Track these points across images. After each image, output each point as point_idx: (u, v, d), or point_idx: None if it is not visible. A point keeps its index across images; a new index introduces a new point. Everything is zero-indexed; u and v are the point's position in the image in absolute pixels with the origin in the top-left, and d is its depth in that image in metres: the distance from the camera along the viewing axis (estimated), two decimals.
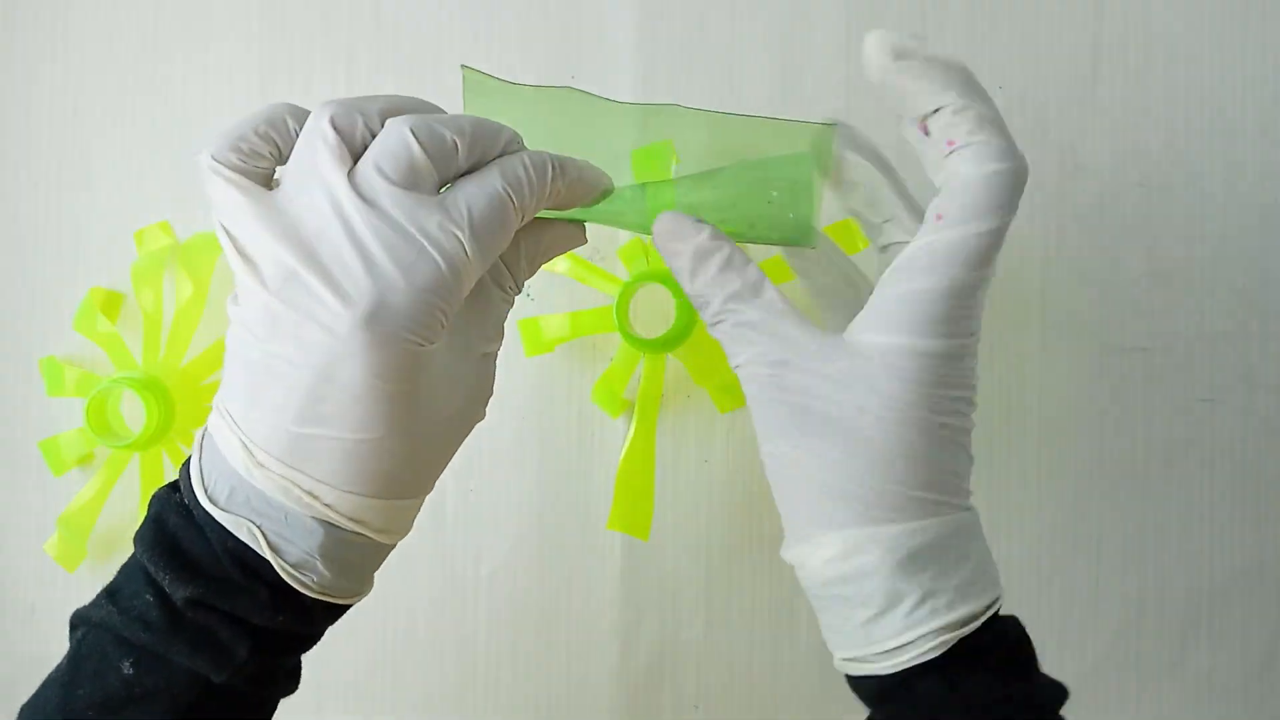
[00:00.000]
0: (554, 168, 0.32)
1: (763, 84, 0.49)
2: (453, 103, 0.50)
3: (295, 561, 0.30)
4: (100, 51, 0.52)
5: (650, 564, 0.49)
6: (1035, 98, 0.49)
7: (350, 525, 0.31)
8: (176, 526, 0.31)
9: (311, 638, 0.33)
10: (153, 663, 0.30)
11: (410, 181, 0.29)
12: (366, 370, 0.29)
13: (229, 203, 0.29)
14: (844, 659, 0.31)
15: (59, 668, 0.32)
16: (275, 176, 0.31)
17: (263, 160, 0.30)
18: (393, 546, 0.33)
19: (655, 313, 0.48)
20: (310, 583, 0.31)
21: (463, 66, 0.36)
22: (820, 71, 0.49)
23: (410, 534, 0.34)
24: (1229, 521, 0.48)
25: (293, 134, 0.30)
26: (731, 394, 0.48)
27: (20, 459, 0.52)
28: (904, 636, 0.29)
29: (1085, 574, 0.49)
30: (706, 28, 0.49)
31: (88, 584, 0.52)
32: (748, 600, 0.49)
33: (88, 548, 0.50)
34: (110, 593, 0.31)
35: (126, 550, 0.51)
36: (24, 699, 0.33)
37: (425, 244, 0.29)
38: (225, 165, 0.30)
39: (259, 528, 0.30)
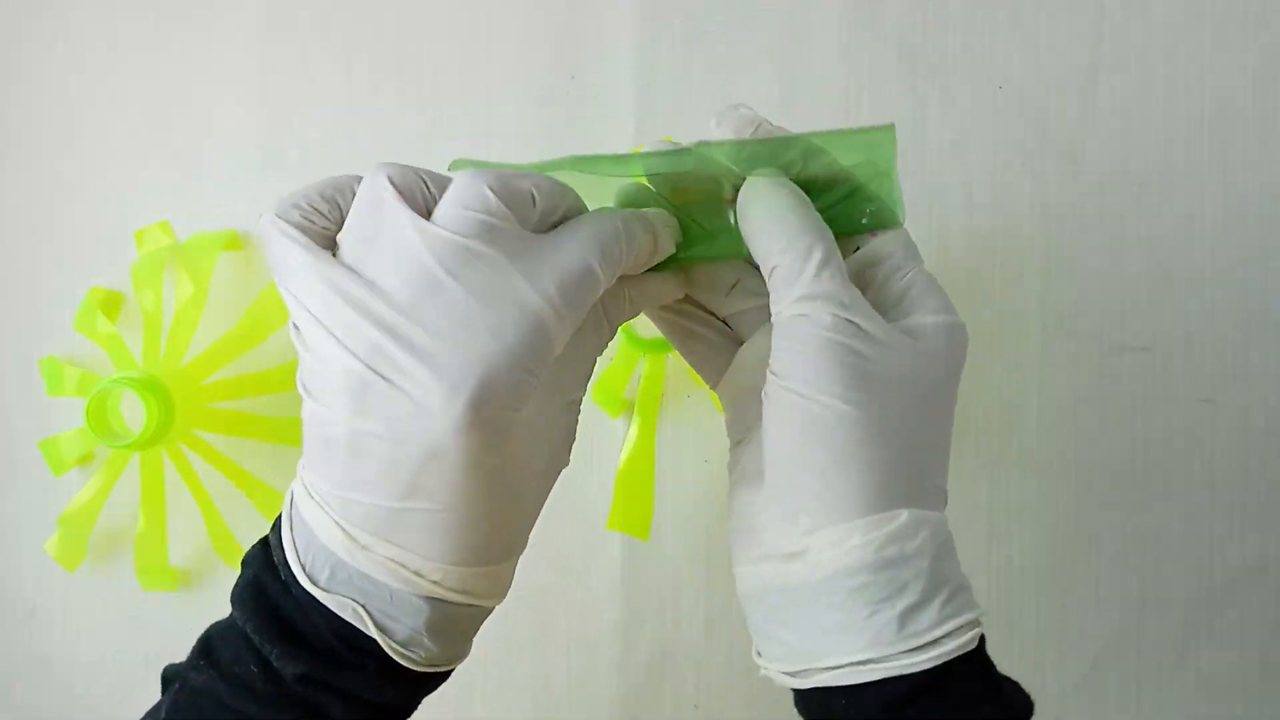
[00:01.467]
0: (641, 222, 0.31)
1: (762, 84, 0.49)
2: (449, 101, 0.50)
3: (403, 639, 0.30)
4: (101, 51, 0.52)
5: (650, 564, 0.49)
6: (1035, 98, 0.49)
7: (457, 598, 0.30)
8: (278, 597, 0.30)
9: (412, 707, 0.33)
10: None
11: (490, 237, 0.27)
12: (468, 448, 0.27)
13: (294, 264, 0.28)
14: (850, 664, 0.28)
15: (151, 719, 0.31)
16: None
17: (325, 220, 0.29)
18: (490, 609, 0.33)
19: None
20: (418, 658, 0.30)
21: (453, 162, 0.33)
22: (820, 72, 0.49)
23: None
24: (1229, 521, 0.48)
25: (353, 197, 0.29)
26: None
27: (20, 459, 0.52)
28: (943, 627, 0.27)
29: (1085, 574, 0.49)
30: (706, 28, 0.49)
31: (87, 584, 0.52)
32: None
33: (88, 547, 0.50)
34: (206, 653, 0.30)
35: (127, 551, 0.51)
36: (24, 699, 0.33)
37: (516, 307, 0.27)
38: (287, 222, 0.28)
39: (364, 607, 0.29)
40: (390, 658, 0.30)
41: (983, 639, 0.29)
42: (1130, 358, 0.48)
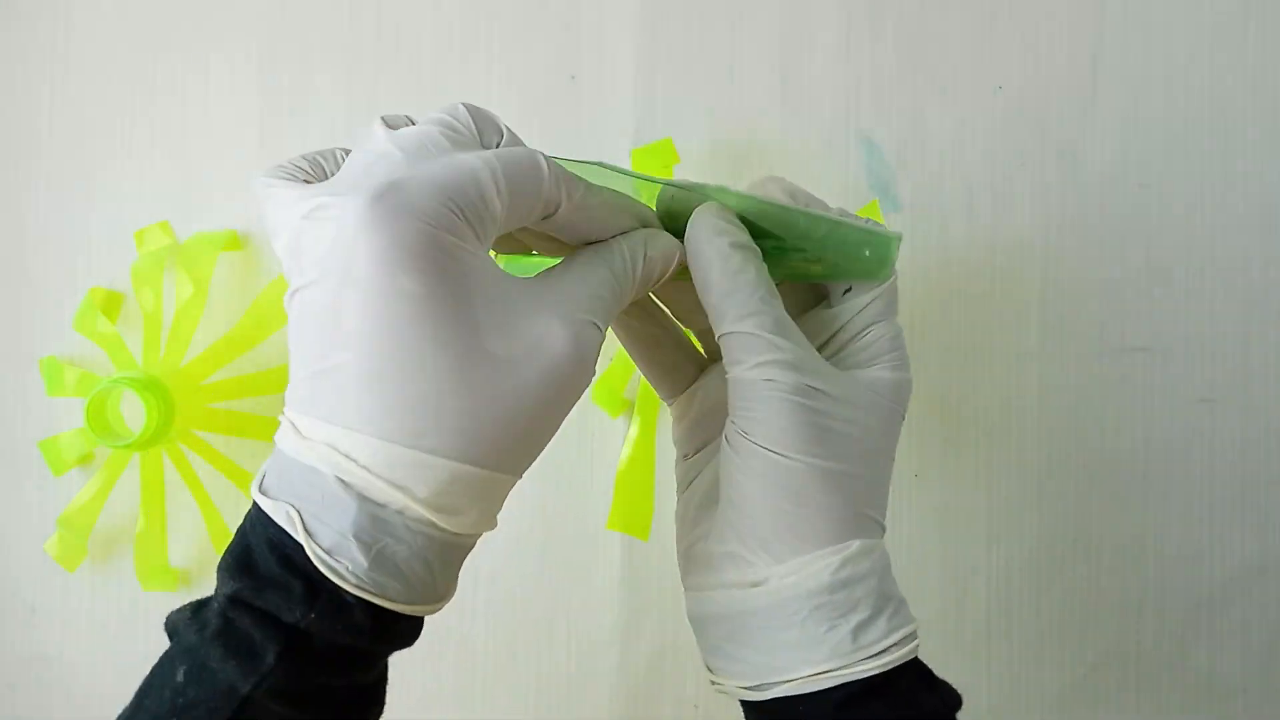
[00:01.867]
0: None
1: (762, 84, 0.49)
2: (447, 102, 0.50)
3: (329, 545, 0.26)
4: (101, 51, 0.52)
5: (650, 564, 0.49)
6: (1035, 98, 0.49)
7: (383, 490, 0.26)
8: (244, 526, 0.28)
9: (359, 654, 0.28)
10: (197, 671, 0.27)
11: (453, 137, 0.28)
12: (376, 256, 0.25)
13: (276, 201, 0.28)
14: (810, 674, 0.30)
15: None
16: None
17: (307, 175, 0.30)
18: (457, 540, 0.28)
19: None
20: (343, 570, 0.26)
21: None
22: (820, 72, 0.49)
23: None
24: (1229, 521, 0.48)
25: (342, 159, 0.30)
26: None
27: (20, 459, 0.52)
28: (891, 637, 0.30)
29: (1085, 574, 0.49)
30: (706, 28, 0.49)
31: (87, 584, 0.52)
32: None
33: (88, 547, 0.50)
34: (197, 604, 0.29)
35: (127, 550, 0.51)
36: (24, 699, 0.33)
37: (453, 161, 0.27)
38: (271, 176, 0.29)
39: (297, 511, 0.26)
40: (321, 576, 0.26)
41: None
42: (1130, 358, 0.48)
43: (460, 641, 0.50)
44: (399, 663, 0.50)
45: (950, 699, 0.32)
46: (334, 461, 0.26)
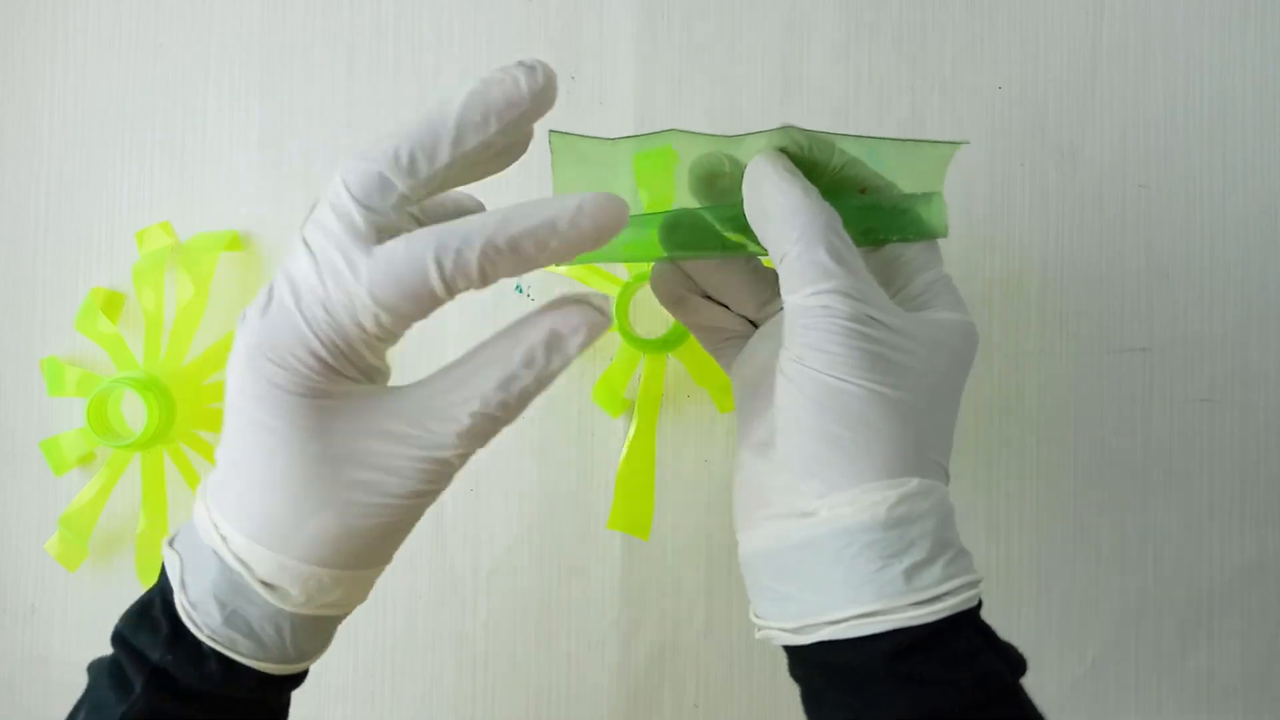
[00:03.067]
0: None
1: (762, 84, 0.49)
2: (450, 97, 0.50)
3: (195, 598, 0.30)
4: (101, 51, 0.52)
5: (650, 564, 0.49)
6: (1035, 98, 0.49)
7: (235, 564, 0.29)
8: (163, 568, 0.32)
9: (220, 699, 0.31)
10: (94, 694, 0.32)
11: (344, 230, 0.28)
12: (244, 390, 0.28)
13: None
14: (858, 616, 0.29)
15: None
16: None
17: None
18: (314, 614, 0.31)
19: (655, 313, 0.48)
20: (200, 622, 0.30)
21: (550, 132, 0.32)
22: (820, 72, 0.49)
23: (409, 533, 0.32)
24: (1229, 521, 0.48)
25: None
26: (731, 394, 0.48)
27: (20, 459, 0.52)
28: (947, 584, 0.29)
29: (1085, 574, 0.49)
30: (706, 27, 0.49)
31: (88, 584, 0.52)
32: (748, 600, 0.49)
33: (88, 547, 0.50)
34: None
35: (127, 550, 0.51)
36: (24, 699, 0.33)
37: (332, 285, 0.27)
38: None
39: (180, 563, 0.31)
40: (183, 622, 0.30)
41: (980, 603, 0.31)
42: (1130, 358, 0.49)
43: (460, 641, 0.50)
44: (399, 664, 0.50)
45: (1015, 663, 0.30)
46: (211, 535, 0.30)
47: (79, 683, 0.33)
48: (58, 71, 0.52)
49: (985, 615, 0.31)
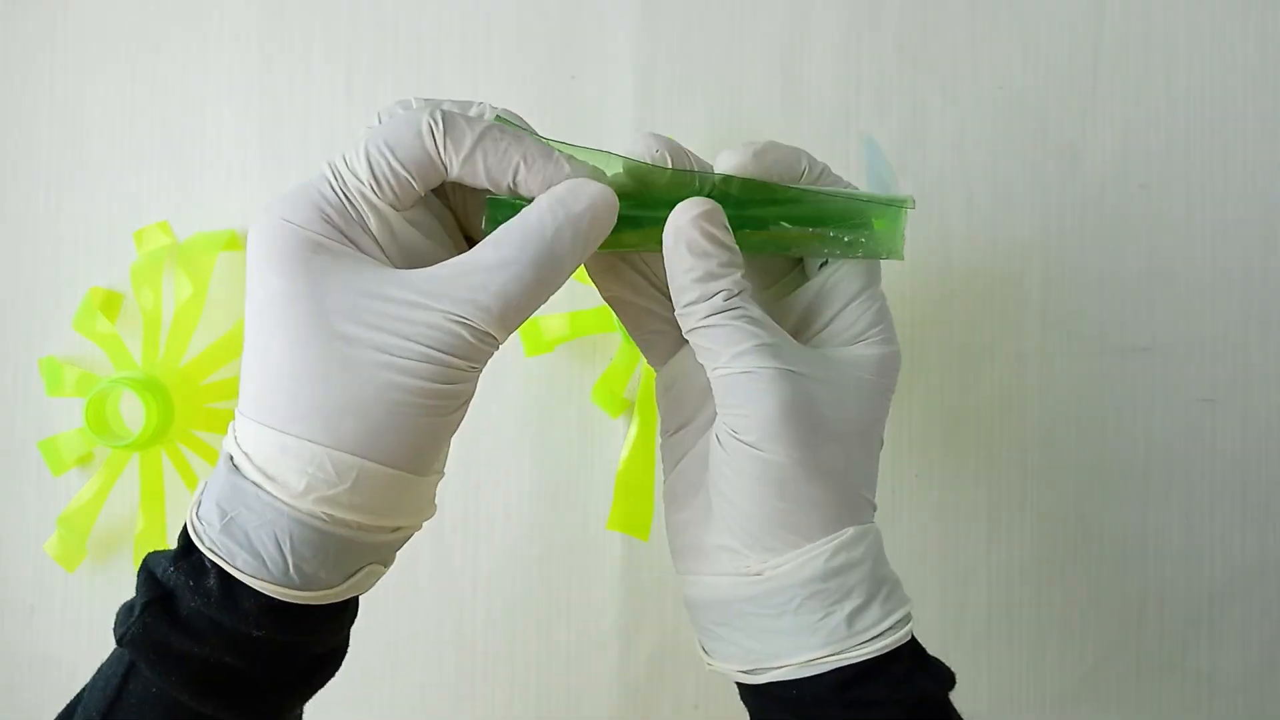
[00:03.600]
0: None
1: (762, 84, 0.49)
2: (449, 101, 0.50)
3: (204, 511, 0.29)
4: (100, 50, 0.52)
5: (650, 564, 0.49)
6: (1035, 98, 0.49)
7: (237, 454, 0.28)
8: None
9: (219, 627, 0.28)
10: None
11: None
12: (250, 260, 0.29)
13: None
14: (806, 659, 0.30)
15: None
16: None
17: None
18: (319, 526, 0.28)
19: None
20: (202, 532, 0.28)
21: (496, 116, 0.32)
22: (820, 72, 0.49)
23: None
24: (1229, 521, 0.48)
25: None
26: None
27: (20, 459, 0.52)
28: (886, 621, 0.30)
29: (1085, 574, 0.49)
30: (706, 28, 0.49)
31: (87, 584, 0.52)
32: None
33: (87, 548, 0.50)
34: None
35: (126, 551, 0.51)
36: (24, 699, 0.33)
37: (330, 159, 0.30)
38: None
39: (204, 484, 0.30)
40: (190, 536, 0.29)
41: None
42: (1130, 358, 0.48)
43: (460, 641, 0.50)
44: (399, 664, 0.50)
45: (941, 678, 0.32)
46: (229, 438, 0.29)
47: (78, 683, 0.32)
48: (57, 71, 0.52)
49: (987, 615, 0.33)
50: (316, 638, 0.30)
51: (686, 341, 0.33)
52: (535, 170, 0.30)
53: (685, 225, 0.30)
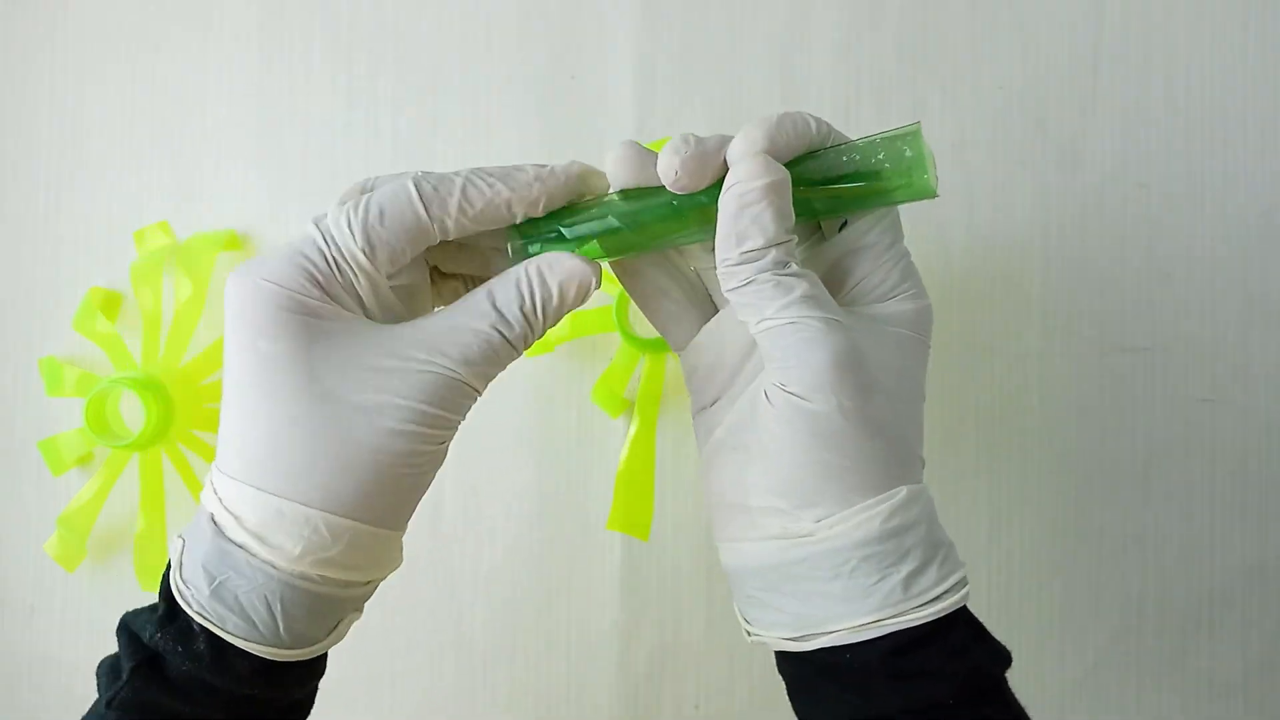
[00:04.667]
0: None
1: (762, 84, 0.49)
2: (449, 101, 0.50)
3: (188, 574, 0.29)
4: (100, 50, 0.52)
5: (650, 564, 0.49)
6: (1035, 98, 0.49)
7: (225, 517, 0.28)
8: None
9: (209, 688, 0.29)
10: (99, 684, 0.32)
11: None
12: (230, 322, 0.29)
13: None
14: (860, 624, 0.29)
15: None
16: None
17: None
18: (308, 587, 0.29)
19: None
20: (189, 597, 0.28)
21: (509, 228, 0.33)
22: (820, 72, 0.49)
23: (409, 533, 0.32)
24: (1229, 521, 0.48)
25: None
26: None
27: (20, 459, 0.52)
28: (942, 585, 0.30)
29: (1085, 574, 0.49)
30: (706, 28, 0.49)
31: (87, 584, 0.52)
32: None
33: (87, 548, 0.50)
34: None
35: (126, 551, 0.51)
36: (24, 699, 0.33)
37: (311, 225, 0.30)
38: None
39: (182, 541, 0.30)
40: (175, 599, 0.29)
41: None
42: (1130, 358, 0.48)
43: (460, 641, 0.50)
44: (399, 665, 0.50)
45: (999, 655, 0.31)
46: (209, 500, 0.29)
47: (78, 683, 0.32)
48: (57, 71, 0.52)
49: (987, 615, 0.32)
50: (299, 686, 0.32)
51: (708, 318, 0.34)
52: (521, 195, 0.31)
53: (750, 189, 0.30)
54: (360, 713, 0.50)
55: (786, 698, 0.33)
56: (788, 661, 0.32)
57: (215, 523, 0.29)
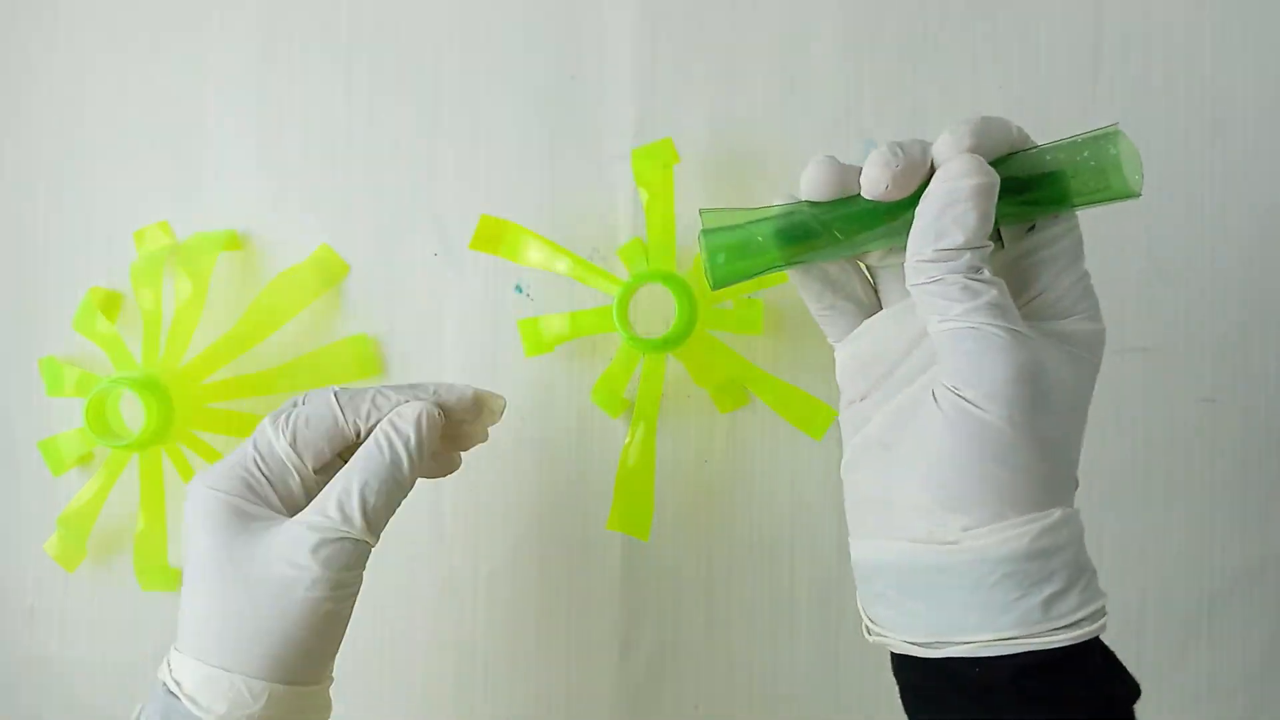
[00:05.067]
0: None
1: (762, 84, 0.49)
2: (449, 101, 0.50)
3: None
4: (100, 51, 0.52)
5: (650, 564, 0.49)
6: (1035, 98, 0.49)
7: (171, 683, 0.35)
8: None
9: None
10: None
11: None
12: (186, 519, 0.36)
13: None
14: (995, 638, 0.29)
15: None
16: None
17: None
18: None
19: (655, 313, 0.48)
20: None
21: (701, 211, 0.34)
22: (820, 72, 0.49)
23: (409, 533, 0.34)
24: (1229, 521, 0.48)
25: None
26: (731, 394, 0.48)
27: (20, 459, 0.52)
28: (1083, 610, 0.29)
29: None
30: (706, 28, 0.49)
31: (87, 585, 0.52)
32: (748, 600, 0.49)
33: (87, 547, 0.50)
34: None
35: (126, 551, 0.51)
36: (24, 699, 0.34)
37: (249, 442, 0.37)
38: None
39: (141, 707, 0.36)
40: None
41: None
42: (1130, 358, 0.48)
43: (460, 642, 0.50)
44: (399, 665, 0.50)
45: (1132, 688, 0.31)
46: (163, 668, 0.36)
47: (78, 683, 0.33)
48: (56, 72, 0.52)
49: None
50: None
51: (868, 314, 0.34)
52: (405, 414, 0.38)
53: (960, 187, 0.30)
54: (360, 713, 0.50)
55: (785, 698, 0.34)
56: (911, 667, 0.32)
57: (166, 687, 0.35)
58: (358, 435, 0.38)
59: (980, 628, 0.30)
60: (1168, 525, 0.48)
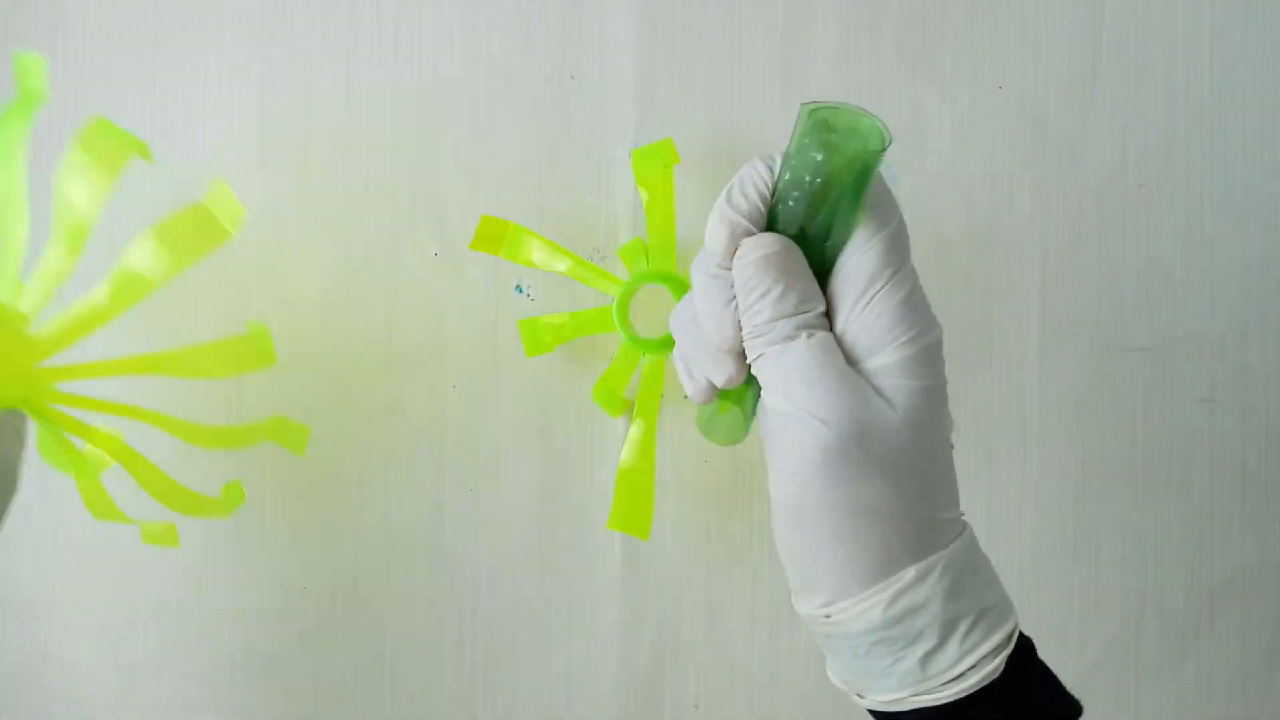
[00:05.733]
0: None
1: (762, 84, 0.49)
2: (449, 101, 0.50)
3: None
4: (99, 51, 0.52)
5: (650, 564, 0.49)
6: (1035, 98, 0.49)
7: None
8: None
9: None
10: None
11: None
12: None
13: None
14: (889, 699, 0.30)
15: None
16: None
17: None
18: None
19: (655, 313, 0.48)
20: None
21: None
22: (820, 72, 0.49)
23: (409, 533, 0.33)
24: (1229, 521, 0.48)
25: None
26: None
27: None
28: (966, 661, 0.29)
29: (1085, 574, 0.49)
30: (706, 28, 0.49)
31: (88, 584, 0.52)
32: (748, 600, 0.49)
33: (87, 548, 0.50)
34: None
35: (126, 552, 0.51)
36: (24, 699, 0.33)
37: None
38: None
39: None
40: None
41: (1027, 646, 0.31)
42: (1130, 358, 0.48)
43: (461, 641, 0.50)
44: (399, 665, 0.50)
45: (1071, 710, 0.30)
46: None
47: (78, 683, 0.32)
48: (55, 70, 0.52)
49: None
50: None
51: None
52: None
53: (750, 263, 0.29)
54: (360, 713, 0.50)
55: (786, 697, 0.34)
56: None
57: None
58: None
59: (878, 689, 0.30)
60: (1168, 525, 0.48)
